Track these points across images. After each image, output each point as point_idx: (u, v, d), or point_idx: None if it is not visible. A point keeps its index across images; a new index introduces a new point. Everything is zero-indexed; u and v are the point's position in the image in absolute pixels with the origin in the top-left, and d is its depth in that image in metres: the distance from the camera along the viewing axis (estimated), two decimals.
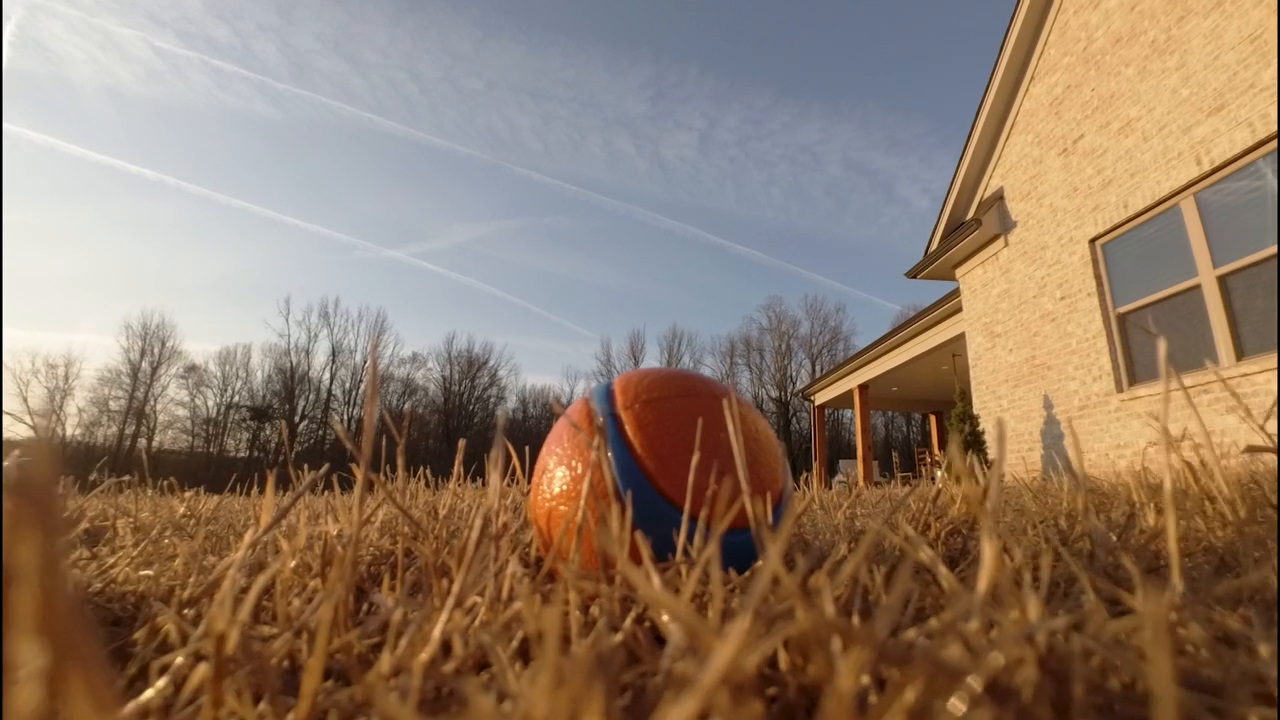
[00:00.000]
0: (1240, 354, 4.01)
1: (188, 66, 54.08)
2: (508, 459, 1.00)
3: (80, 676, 0.10)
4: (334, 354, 37.67)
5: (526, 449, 0.91)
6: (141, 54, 52.93)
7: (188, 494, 1.41)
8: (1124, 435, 4.82)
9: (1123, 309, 5.02)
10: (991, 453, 6.25)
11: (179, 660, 0.33)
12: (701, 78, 61.84)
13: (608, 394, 0.70)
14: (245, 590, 0.61)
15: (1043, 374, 5.78)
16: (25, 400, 32.40)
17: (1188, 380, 4.24)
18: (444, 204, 64.47)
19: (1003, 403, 6.33)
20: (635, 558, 0.55)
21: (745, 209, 64.93)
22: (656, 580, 0.37)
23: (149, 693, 0.31)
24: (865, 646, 0.16)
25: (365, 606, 0.56)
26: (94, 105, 52.97)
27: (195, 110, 55.63)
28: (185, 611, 0.50)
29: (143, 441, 33.23)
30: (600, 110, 62.02)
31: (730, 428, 0.50)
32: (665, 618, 0.32)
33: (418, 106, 60.74)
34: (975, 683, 0.17)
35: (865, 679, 0.29)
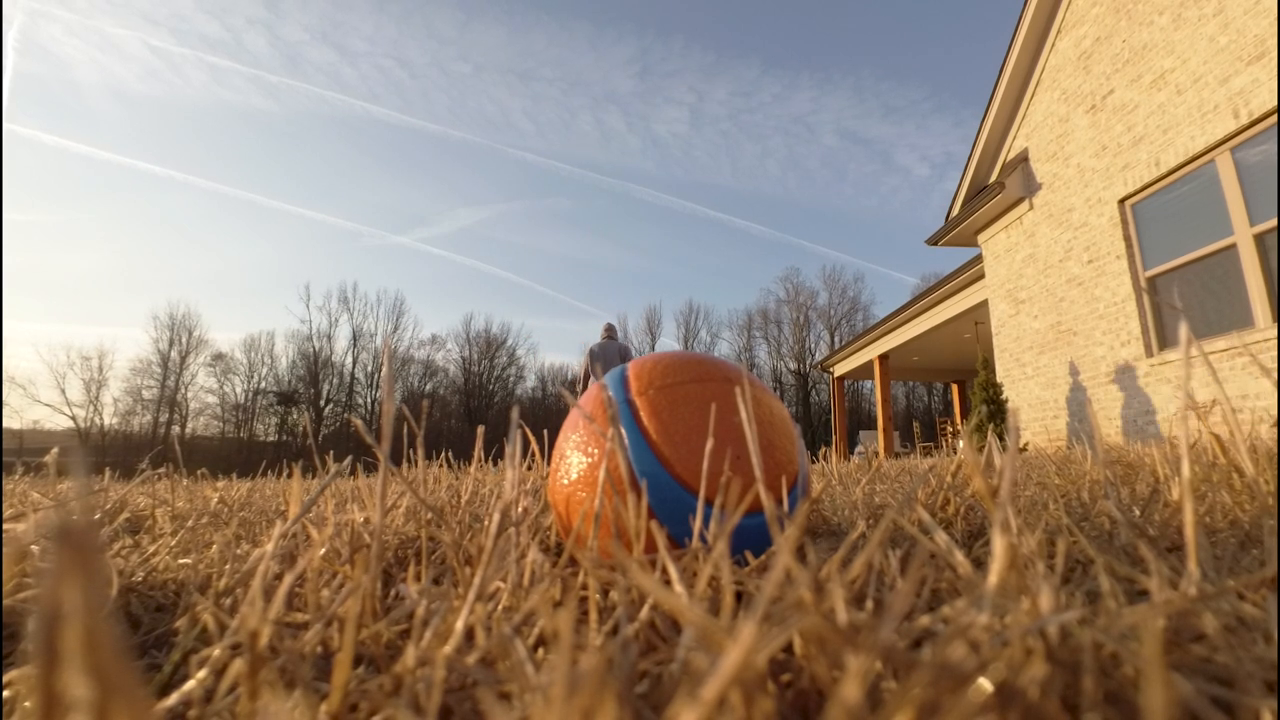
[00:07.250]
0: (1278, 315, 3.88)
1: (184, 63, 54.88)
2: (525, 447, 1.02)
3: (124, 709, 0.10)
4: (355, 338, 38.36)
5: (545, 432, 0.93)
6: (139, 53, 53.87)
7: (220, 483, 1.45)
8: (1154, 401, 4.72)
9: (1153, 271, 4.86)
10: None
11: (216, 653, 0.34)
12: (687, 51, 60.66)
13: (622, 379, 0.70)
14: (279, 577, 0.63)
15: (1069, 340, 5.65)
16: (64, 392, 33.52)
17: (1222, 343, 4.12)
18: (444, 189, 64.74)
19: (1026, 370, 6.21)
20: (652, 544, 0.56)
21: (742, 183, 64.05)
22: (673, 570, 0.38)
23: (190, 684, 0.33)
24: (870, 653, 0.16)
25: (392, 593, 0.58)
26: (100, 106, 54.04)
27: (195, 106, 56.60)
28: (222, 601, 0.53)
29: (176, 429, 34.31)
30: (588, 88, 61.35)
31: (743, 414, 0.50)
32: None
33: (409, 93, 60.79)
34: (985, 684, 0.18)
35: (877, 665, 0.30)
